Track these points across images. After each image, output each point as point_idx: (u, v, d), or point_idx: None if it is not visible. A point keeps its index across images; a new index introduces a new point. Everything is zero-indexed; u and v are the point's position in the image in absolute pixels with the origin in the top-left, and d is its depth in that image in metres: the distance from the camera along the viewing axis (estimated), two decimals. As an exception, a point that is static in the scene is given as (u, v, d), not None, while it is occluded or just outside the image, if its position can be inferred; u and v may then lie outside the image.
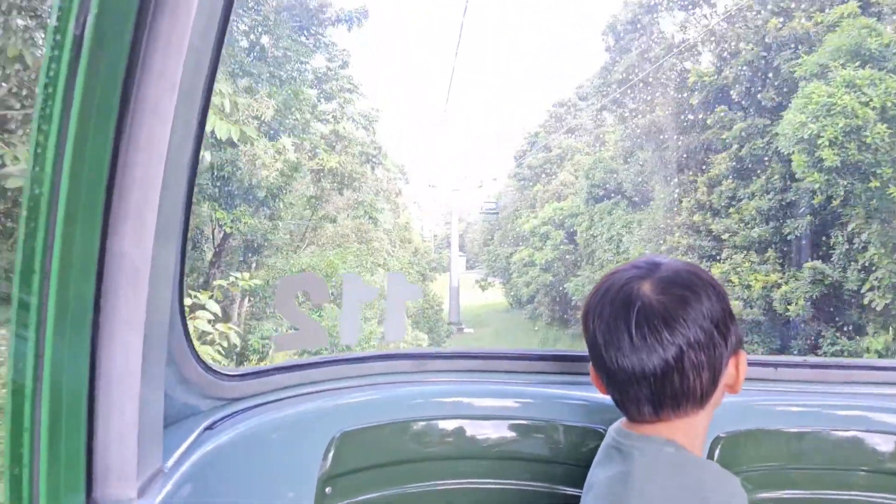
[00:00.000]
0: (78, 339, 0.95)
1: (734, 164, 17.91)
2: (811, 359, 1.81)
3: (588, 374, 1.69)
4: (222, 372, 1.47)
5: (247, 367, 1.62)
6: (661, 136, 21.14)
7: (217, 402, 1.47)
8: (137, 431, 1.04)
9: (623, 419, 1.24)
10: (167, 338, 1.17)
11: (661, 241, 20.26)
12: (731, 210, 18.03)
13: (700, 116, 19.42)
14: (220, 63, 1.29)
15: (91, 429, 1.00)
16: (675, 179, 20.60)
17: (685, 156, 20.03)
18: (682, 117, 20.16)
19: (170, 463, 1.18)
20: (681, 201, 19.93)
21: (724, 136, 18.15)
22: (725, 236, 17.86)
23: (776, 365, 1.78)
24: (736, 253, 17.50)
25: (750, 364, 1.75)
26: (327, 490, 1.49)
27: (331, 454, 1.50)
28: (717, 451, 1.58)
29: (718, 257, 18.02)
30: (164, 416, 1.32)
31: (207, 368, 1.43)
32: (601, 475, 1.21)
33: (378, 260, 19.53)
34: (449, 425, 1.59)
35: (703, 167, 19.24)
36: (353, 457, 1.52)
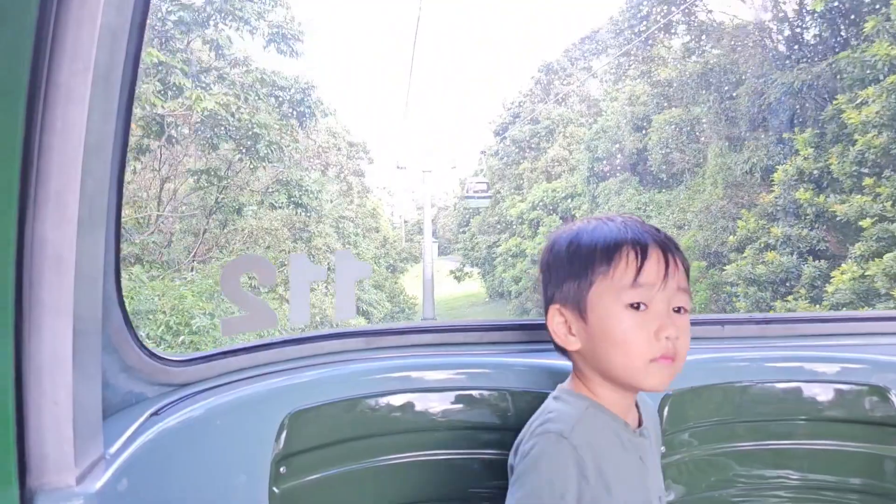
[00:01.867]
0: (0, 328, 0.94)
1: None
2: (756, 315, 1.86)
3: (540, 341, 1.73)
4: (167, 358, 1.46)
5: (193, 353, 1.61)
6: (727, 82, 15.89)
7: (164, 388, 1.46)
8: (73, 419, 1.03)
9: None
10: (101, 325, 1.15)
11: (724, 229, 15.36)
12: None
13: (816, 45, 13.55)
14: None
15: (21, 419, 0.99)
16: (756, 141, 14.95)
17: (776, 104, 14.15)
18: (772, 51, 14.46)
19: (112, 450, 1.17)
20: (767, 172, 14.46)
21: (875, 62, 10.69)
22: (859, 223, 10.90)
23: (723, 323, 1.82)
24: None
25: (698, 323, 1.80)
26: (282, 470, 1.50)
27: (283, 434, 1.50)
28: (665, 409, 1.62)
29: (842, 255, 11.77)
30: (108, 404, 1.31)
31: (151, 355, 1.42)
32: None
33: (324, 259, 16.41)
34: (401, 399, 1.60)
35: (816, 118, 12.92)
36: (306, 436, 1.52)
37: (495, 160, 31.83)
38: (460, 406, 1.60)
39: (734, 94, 15.93)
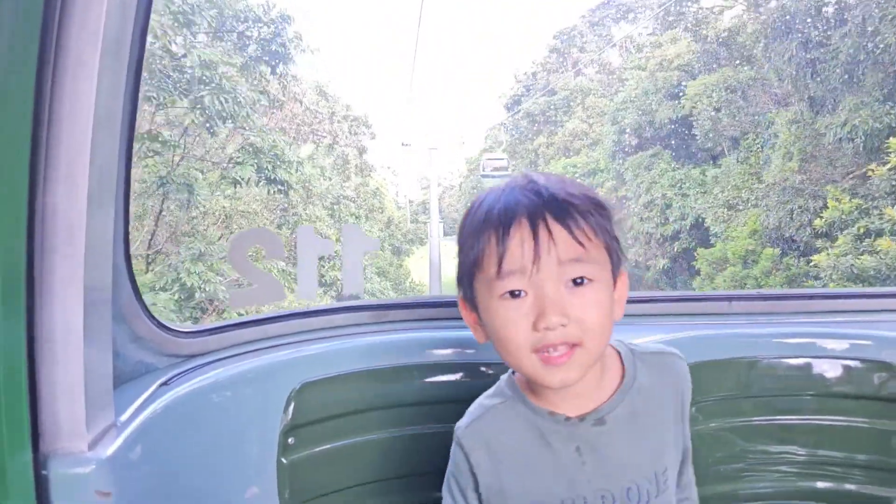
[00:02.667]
0: (12, 297, 0.95)
1: None
2: (764, 291, 1.85)
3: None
4: (177, 329, 1.47)
5: (203, 325, 1.62)
6: (815, 27, 12.79)
7: (173, 359, 1.48)
8: (84, 387, 1.04)
9: None
10: (111, 295, 1.16)
11: (803, 210, 12.88)
12: None
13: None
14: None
15: (34, 387, 1.00)
16: (856, 99, 11.60)
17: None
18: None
19: (123, 417, 1.18)
20: (873, 138, 11.33)
21: None
22: None
23: (731, 299, 1.82)
24: None
25: (705, 299, 1.81)
26: (290, 441, 1.51)
27: (292, 405, 1.51)
28: (672, 384, 1.62)
29: None
30: (119, 374, 1.33)
31: (160, 326, 1.43)
32: None
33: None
34: (410, 373, 1.61)
35: None
36: (315, 407, 1.54)
37: (506, 136, 29.90)
38: (468, 379, 1.60)
39: (827, 41, 12.31)
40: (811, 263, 12.05)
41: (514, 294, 1.02)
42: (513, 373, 1.21)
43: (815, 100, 13.41)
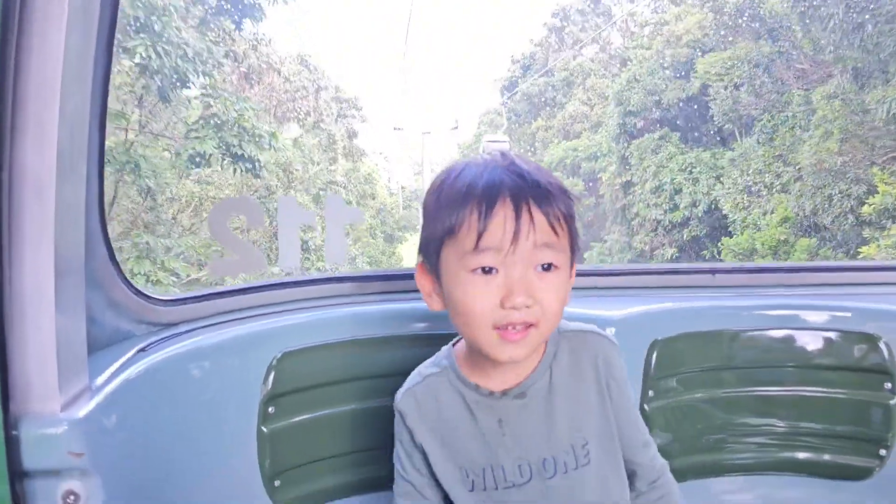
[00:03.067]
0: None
1: None
2: (747, 263, 1.86)
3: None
4: (155, 297, 1.45)
5: (183, 293, 1.61)
6: None
7: (152, 327, 1.46)
8: (57, 350, 1.03)
9: None
10: (84, 259, 1.14)
11: (845, 195, 11.35)
12: None
13: None
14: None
15: (3, 347, 0.99)
16: None
17: None
18: None
19: (98, 381, 1.17)
20: None
21: None
22: None
23: (713, 271, 1.82)
24: None
25: (688, 272, 1.80)
26: (270, 410, 1.50)
27: (272, 374, 1.50)
28: (654, 355, 1.62)
29: None
30: (95, 340, 1.31)
31: (138, 293, 1.41)
32: None
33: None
34: (392, 343, 1.60)
35: None
36: (296, 377, 1.53)
37: (502, 119, 28.49)
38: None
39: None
40: (860, 256, 11.01)
41: (485, 270, 1.04)
42: (453, 345, 1.28)
43: (860, 71, 11.92)
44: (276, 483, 1.52)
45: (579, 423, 1.20)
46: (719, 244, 16.46)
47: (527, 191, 1.04)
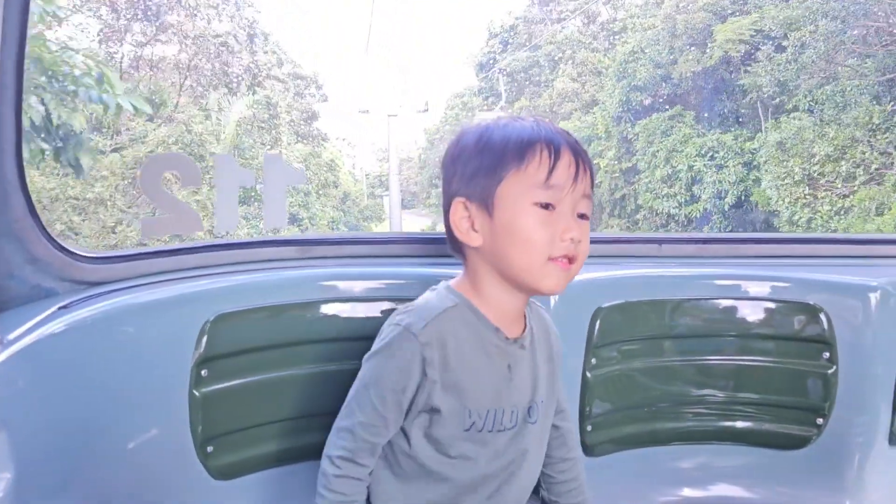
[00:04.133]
0: None
1: None
2: (695, 234, 1.86)
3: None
4: (80, 253, 1.39)
5: (112, 251, 1.54)
6: None
7: (77, 286, 1.40)
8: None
9: None
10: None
11: None
12: None
13: None
14: None
15: None
16: None
17: None
18: None
19: (11, 336, 1.11)
20: None
21: None
22: None
23: (661, 241, 1.81)
24: None
25: (635, 241, 1.79)
26: (203, 373, 1.45)
27: (205, 337, 1.45)
28: (597, 323, 1.61)
29: None
30: (13, 295, 1.26)
31: (61, 248, 1.35)
32: None
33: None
34: (329, 308, 1.56)
35: None
36: (231, 340, 1.48)
37: (478, 99, 26.01)
38: (389, 315, 1.56)
39: None
40: None
41: (546, 206, 1.13)
42: (450, 286, 1.27)
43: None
44: (209, 449, 1.47)
45: (547, 379, 1.31)
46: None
47: (577, 145, 1.18)
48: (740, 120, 16.22)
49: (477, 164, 1.17)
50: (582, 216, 1.17)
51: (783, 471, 1.72)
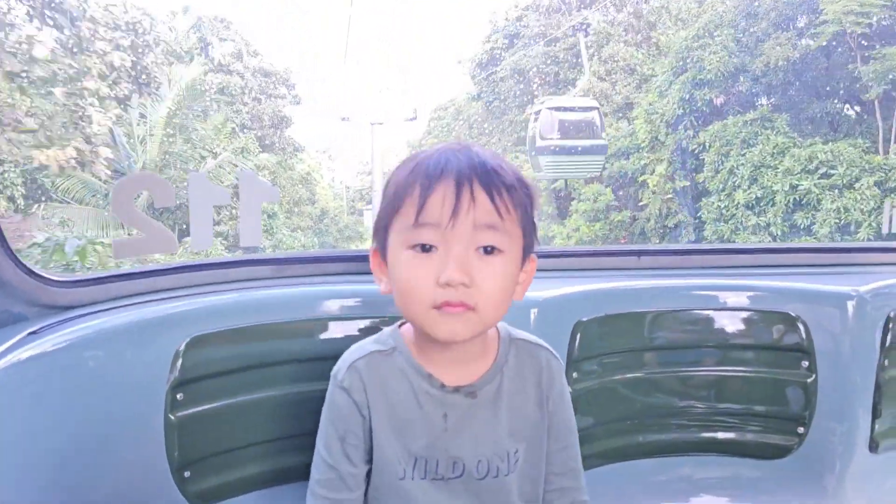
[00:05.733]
0: None
1: None
2: (672, 245, 1.86)
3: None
4: (49, 277, 1.36)
5: (83, 274, 1.51)
6: None
7: (47, 310, 1.37)
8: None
9: None
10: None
11: None
12: None
13: None
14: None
15: None
16: None
17: None
18: None
19: None
20: None
21: None
22: None
23: (639, 254, 1.82)
24: None
25: (613, 254, 1.80)
26: (178, 397, 1.42)
27: (181, 360, 1.42)
28: (577, 337, 1.61)
29: None
30: (-22, 323, 1.22)
31: (29, 272, 1.32)
32: None
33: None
34: (307, 327, 1.54)
35: None
36: (206, 362, 1.45)
37: (478, 105, 21.35)
38: (367, 334, 1.54)
39: None
40: None
41: (424, 248, 1.04)
42: (399, 326, 1.23)
43: None
44: (186, 474, 1.44)
45: (518, 431, 1.20)
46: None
47: (471, 171, 1.04)
48: (860, 124, 11.83)
49: (380, 209, 1.13)
50: (490, 250, 1.05)
51: (766, 480, 1.72)
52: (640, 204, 14.51)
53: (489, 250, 1.04)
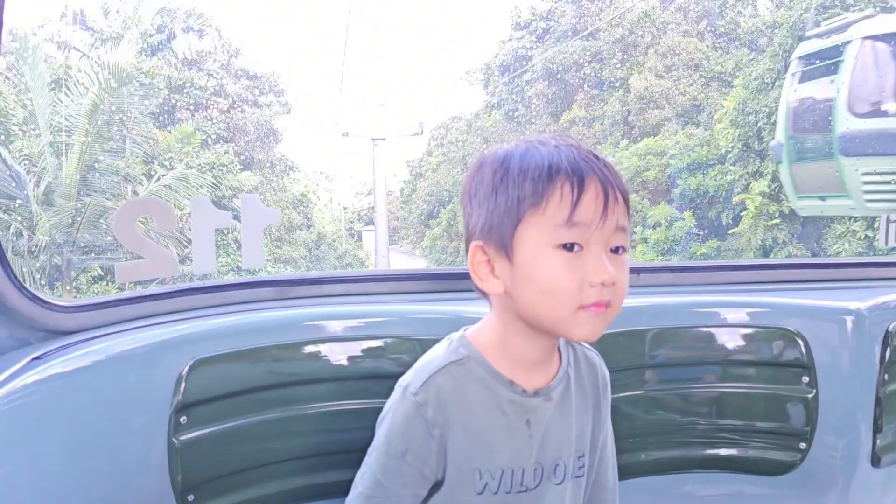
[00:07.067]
0: None
1: None
2: (671, 263, 1.88)
3: (453, 290, 1.70)
4: (53, 302, 1.37)
5: (86, 299, 1.52)
6: None
7: (51, 335, 1.38)
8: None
9: None
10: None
11: None
12: None
13: None
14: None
15: None
16: None
17: None
18: None
19: None
20: None
21: None
22: None
23: (639, 271, 1.83)
24: None
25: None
26: (182, 420, 1.43)
27: (184, 383, 1.43)
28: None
29: None
30: (-17, 349, 1.23)
31: (34, 297, 1.33)
32: None
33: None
34: (312, 349, 1.55)
35: None
36: (210, 385, 1.46)
37: (497, 114, 18.47)
38: (370, 355, 1.55)
39: None
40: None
41: (571, 247, 1.01)
42: (464, 335, 1.19)
43: None
44: (190, 497, 1.44)
45: (582, 433, 1.21)
46: None
47: (606, 169, 1.04)
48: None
49: (493, 203, 1.05)
50: (617, 250, 1.05)
51: (769, 497, 1.72)
52: (730, 230, 11.20)
53: (616, 250, 1.05)
